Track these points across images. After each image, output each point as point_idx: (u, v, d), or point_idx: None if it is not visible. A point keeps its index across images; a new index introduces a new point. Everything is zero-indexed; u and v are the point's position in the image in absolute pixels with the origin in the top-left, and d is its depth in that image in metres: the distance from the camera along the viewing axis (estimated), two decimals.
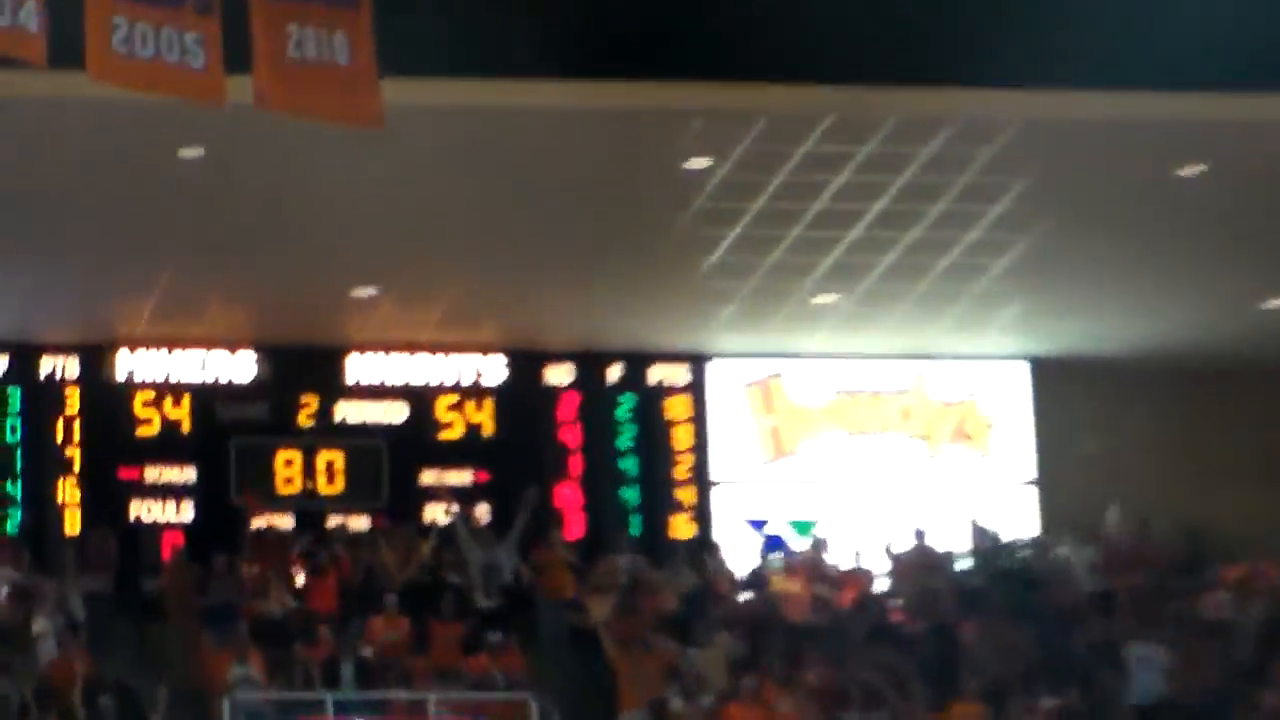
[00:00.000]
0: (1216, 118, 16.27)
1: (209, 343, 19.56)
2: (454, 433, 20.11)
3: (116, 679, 16.88)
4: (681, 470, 20.10)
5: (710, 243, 17.80)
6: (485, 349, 20.14)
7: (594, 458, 20.31)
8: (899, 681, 17.86)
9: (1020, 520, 19.50)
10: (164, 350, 19.77)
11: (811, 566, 19.17)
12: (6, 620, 17.47)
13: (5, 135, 15.45)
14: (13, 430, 19.89)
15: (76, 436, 19.58)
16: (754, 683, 16.74)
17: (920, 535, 18.64)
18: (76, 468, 19.61)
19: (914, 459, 19.95)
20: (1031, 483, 19.82)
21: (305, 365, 20.04)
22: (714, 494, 20.16)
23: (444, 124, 15.93)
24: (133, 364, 19.74)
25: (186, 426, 19.70)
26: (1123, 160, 15.89)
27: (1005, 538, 19.39)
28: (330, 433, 19.88)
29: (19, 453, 19.87)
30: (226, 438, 19.73)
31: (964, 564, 19.07)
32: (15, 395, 20.30)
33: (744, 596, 18.86)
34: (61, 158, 16.08)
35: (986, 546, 18.70)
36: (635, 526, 20.16)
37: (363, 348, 20.14)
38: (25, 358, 20.44)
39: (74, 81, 9.32)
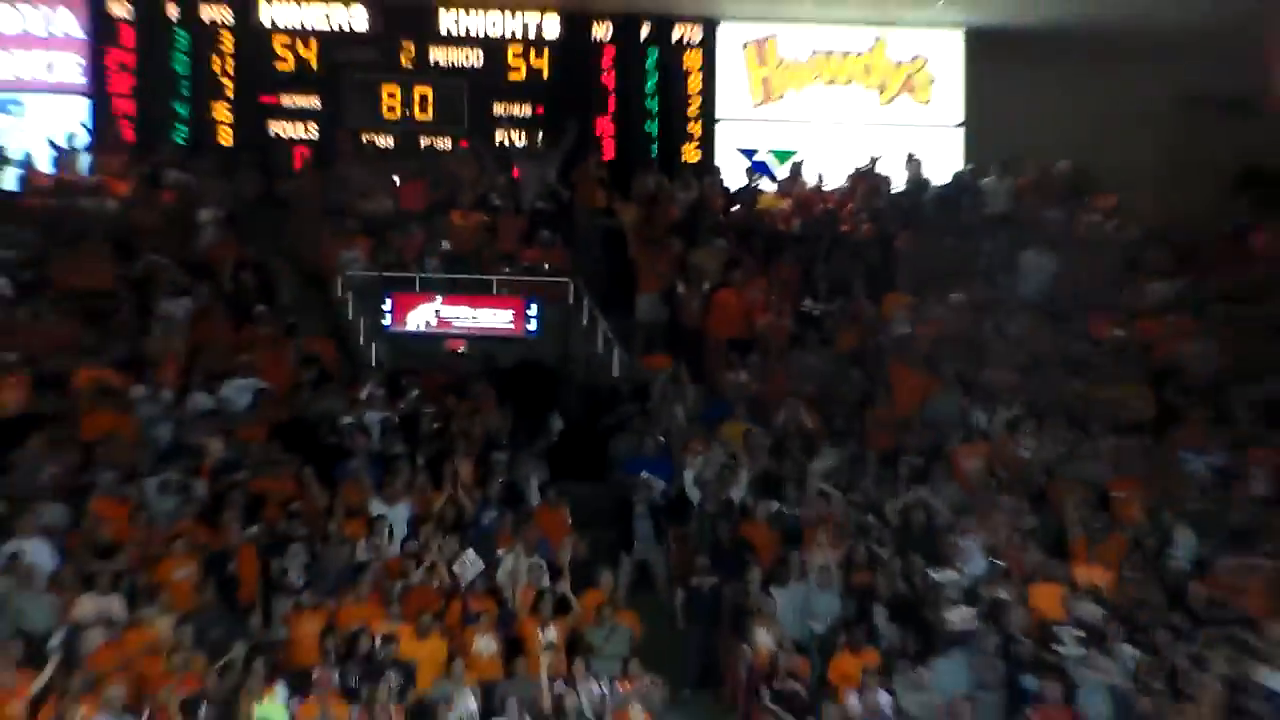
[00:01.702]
0: None
1: None
2: (519, 75, 22.30)
3: (256, 260, 19.45)
4: (692, 109, 22.57)
5: None
6: (544, 9, 22.20)
7: (625, 97, 22.72)
8: (851, 279, 19.98)
9: (950, 156, 21.62)
10: (297, 4, 21.86)
11: (788, 186, 21.78)
12: (176, 211, 19.81)
13: None
14: (181, 64, 22.12)
15: (229, 69, 21.71)
16: (740, 275, 19.72)
17: (872, 164, 21.02)
18: (229, 94, 21.78)
19: (872, 106, 22.05)
20: (961, 125, 22.09)
21: (406, 17, 22.04)
22: (716, 128, 22.56)
23: None
24: (274, 13, 21.88)
25: (314, 64, 21.86)
26: None
27: (937, 169, 21.33)
28: (424, 72, 21.92)
29: (186, 81, 22.12)
30: (343, 73, 21.94)
31: (903, 188, 21.11)
32: (184, 36, 22.37)
33: (734, 209, 21.43)
34: None
35: (921, 176, 20.73)
36: (654, 152, 22.61)
37: (450, 5, 22.17)
38: (190, 6, 22.36)
39: None
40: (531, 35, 22.15)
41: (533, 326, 19.24)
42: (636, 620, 15.40)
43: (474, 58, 22.21)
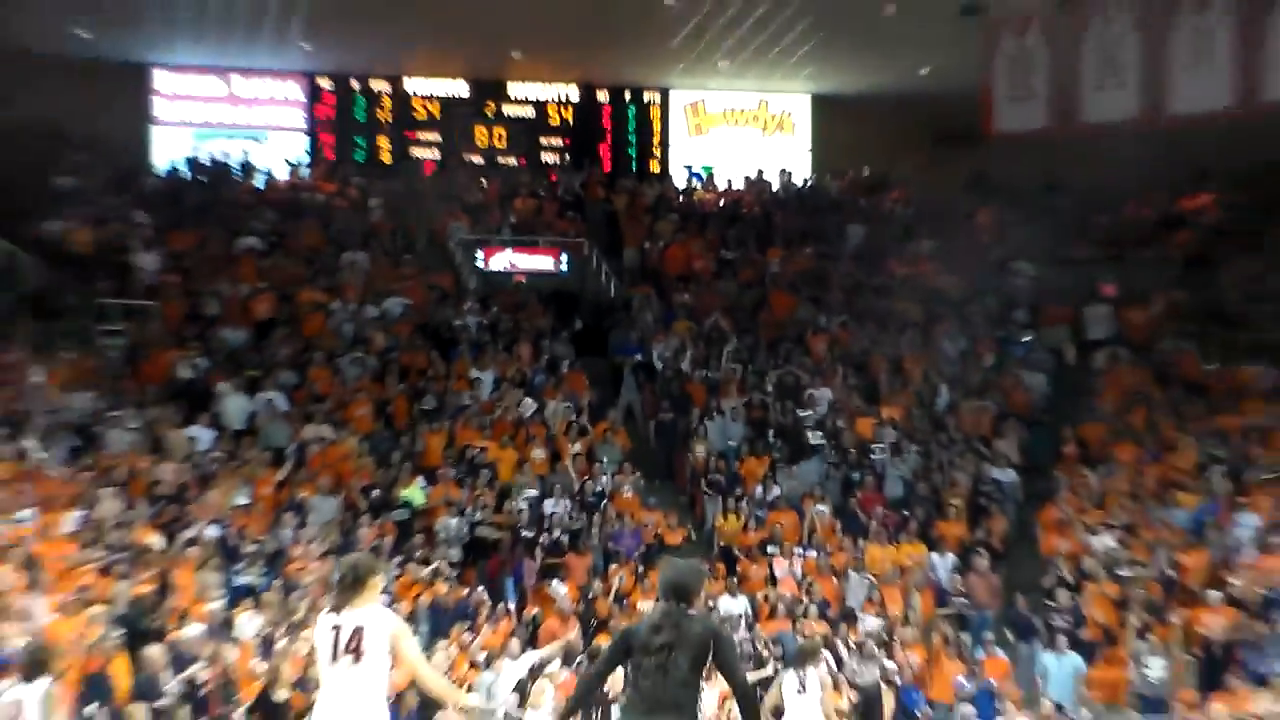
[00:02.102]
0: None
1: None
2: (555, 121, 29.50)
3: (403, 226, 26.20)
4: (655, 140, 30.00)
5: None
6: (568, 82, 29.50)
7: (617, 134, 29.98)
8: (747, 240, 27.67)
9: (803, 167, 30.05)
10: (424, 78, 28.91)
11: (711, 186, 29.81)
12: (357, 201, 26.78)
13: None
14: (360, 113, 28.75)
15: (388, 117, 28.61)
16: (684, 237, 26.76)
17: (759, 173, 28.94)
18: (388, 131, 28.70)
19: (759, 138, 30.30)
20: (810, 150, 30.29)
21: (489, 87, 28.81)
22: (670, 152, 30.04)
23: None
24: (414, 85, 28.70)
25: (436, 114, 28.66)
26: None
27: (796, 175, 29.49)
28: (500, 119, 29.01)
29: (363, 124, 28.72)
30: (453, 119, 28.59)
31: (777, 186, 29.42)
32: (361, 98, 28.97)
33: (680, 199, 29.00)
34: None
35: (789, 179, 29.21)
36: (634, 166, 30.00)
37: (514, 79, 29.19)
38: (364, 79, 28.97)
39: None
40: (562, 98, 29.81)
41: (564, 267, 26.64)
42: (626, 439, 22.32)
43: (528, 111, 29.80)
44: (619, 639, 8.19)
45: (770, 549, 20.83)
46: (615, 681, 13.19)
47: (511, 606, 18.57)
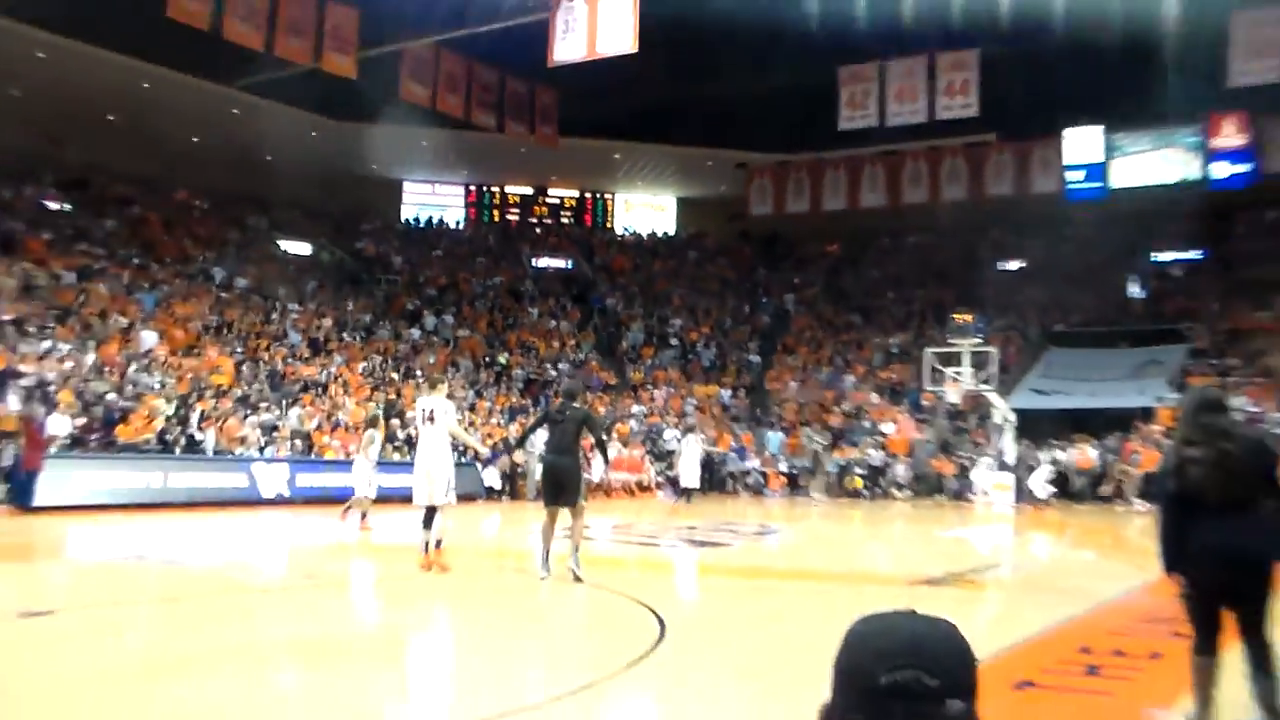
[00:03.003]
0: None
1: None
2: (545, 211, 54.21)
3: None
4: (611, 215, 53.95)
5: None
6: (562, 184, 54.47)
7: (591, 212, 54.23)
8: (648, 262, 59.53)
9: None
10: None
11: (636, 238, 55.18)
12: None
13: None
14: (486, 215, 54.73)
15: None
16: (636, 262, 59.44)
17: (654, 231, 57.77)
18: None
19: (661, 218, 55.30)
20: (675, 221, 58.58)
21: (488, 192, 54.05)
22: (616, 222, 53.84)
23: None
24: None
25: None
26: None
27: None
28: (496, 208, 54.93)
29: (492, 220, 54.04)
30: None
31: (665, 239, 56.76)
32: (489, 207, 51.97)
33: (626, 241, 56.49)
34: None
35: (668, 236, 60.26)
36: (602, 225, 54.81)
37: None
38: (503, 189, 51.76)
39: None
40: (572, 196, 53.39)
41: (570, 265, 53.02)
42: (594, 337, 50.28)
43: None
44: (543, 413, 14.91)
45: (651, 388, 44.45)
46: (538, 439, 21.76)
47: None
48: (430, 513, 14.10)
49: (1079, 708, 7.62)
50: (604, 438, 15.24)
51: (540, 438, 18.07)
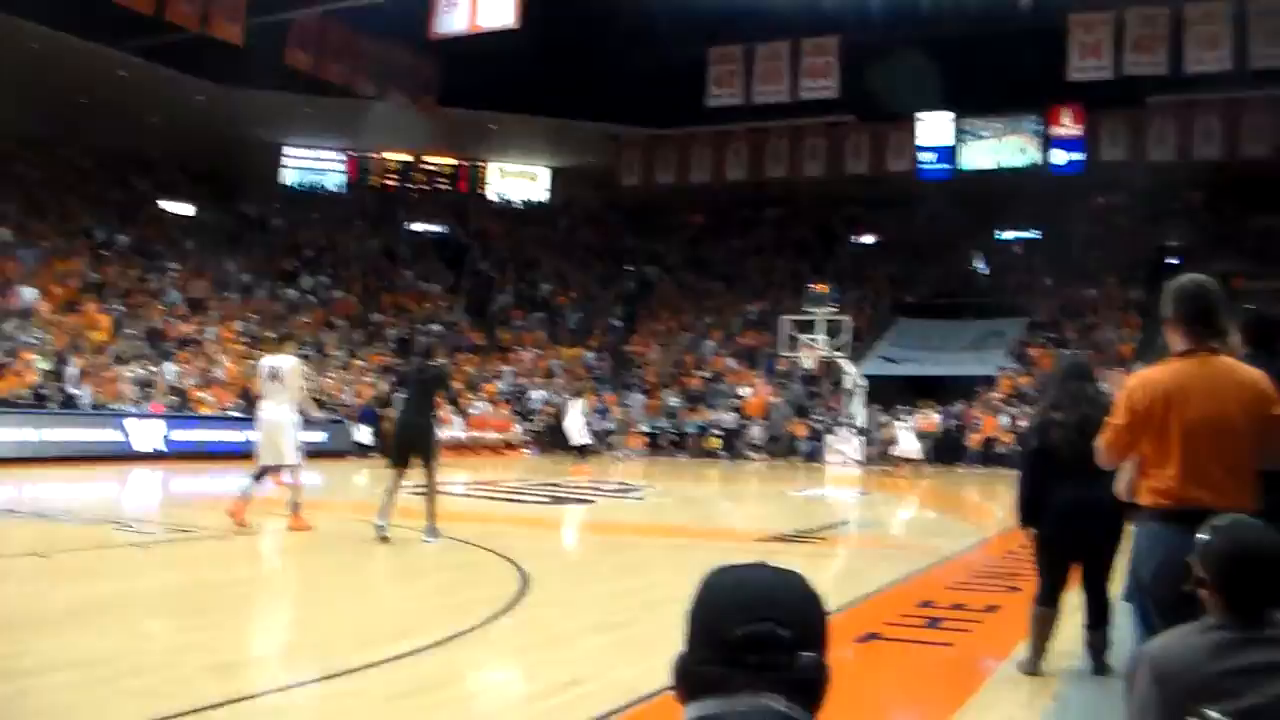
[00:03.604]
0: None
1: None
2: (425, 182, 57.59)
3: None
4: (483, 180, 54.18)
5: None
6: (439, 154, 54.79)
7: (466, 179, 57.88)
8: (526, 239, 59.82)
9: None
10: None
11: (506, 205, 57.97)
12: None
13: None
14: None
15: None
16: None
17: (530, 200, 59.64)
18: None
19: (533, 187, 57.46)
20: (548, 191, 57.20)
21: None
22: (488, 189, 53.63)
23: None
24: None
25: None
26: None
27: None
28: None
29: None
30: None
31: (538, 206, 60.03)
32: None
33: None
34: None
35: (549, 202, 60.12)
36: (475, 192, 57.16)
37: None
38: None
39: None
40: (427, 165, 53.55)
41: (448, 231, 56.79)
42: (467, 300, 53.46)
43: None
44: (401, 375, 13.96)
45: (518, 350, 45.97)
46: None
47: None
48: (263, 472, 13.64)
49: (920, 658, 7.68)
50: (456, 398, 14.81)
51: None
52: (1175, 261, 40.48)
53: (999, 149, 44.42)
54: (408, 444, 12.83)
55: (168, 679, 6.34)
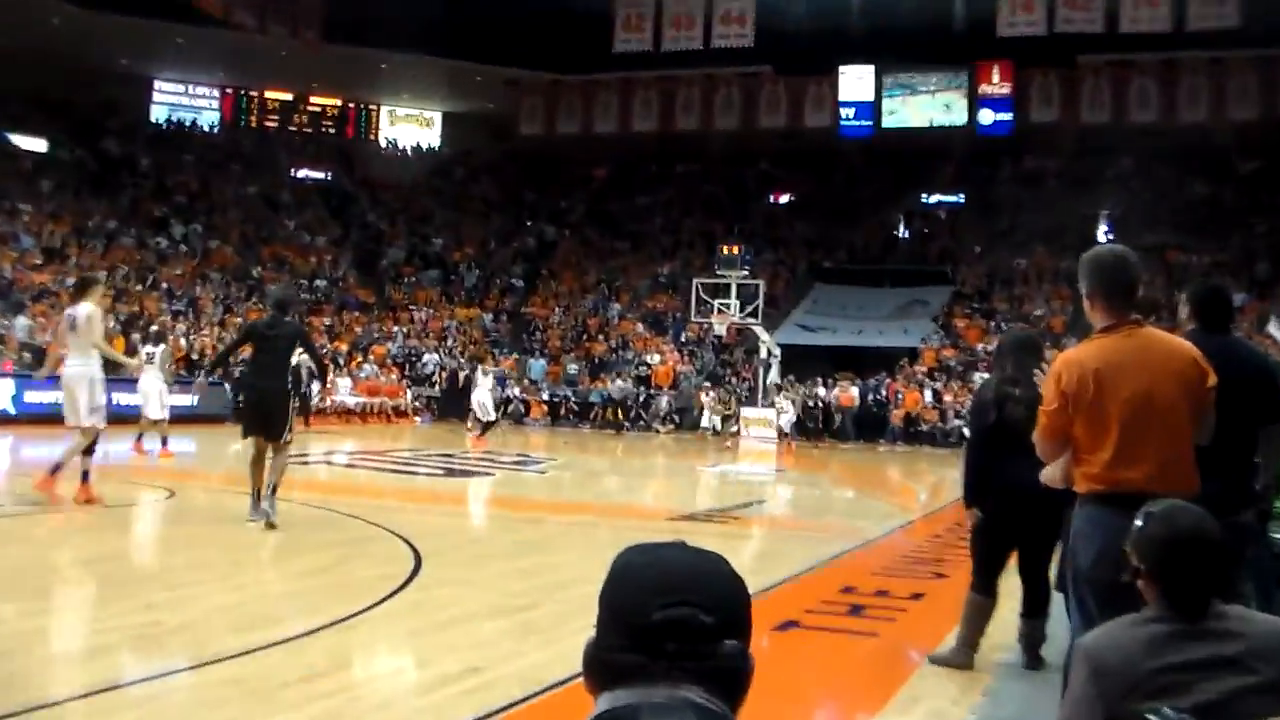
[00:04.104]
0: None
1: None
2: (309, 129, 57.50)
3: None
4: (372, 126, 55.30)
5: None
6: (326, 95, 54.65)
7: (355, 124, 57.73)
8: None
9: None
10: None
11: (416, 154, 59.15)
12: None
13: None
14: None
15: None
16: None
17: (421, 146, 60.08)
18: None
19: (425, 133, 58.49)
20: (440, 138, 59.96)
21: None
22: (391, 132, 54.92)
23: None
24: None
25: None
26: None
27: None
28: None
29: None
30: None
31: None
32: None
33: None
34: None
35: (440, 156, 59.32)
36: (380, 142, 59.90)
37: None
38: None
39: None
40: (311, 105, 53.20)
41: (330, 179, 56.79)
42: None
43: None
44: (246, 329, 13.31)
45: (411, 309, 44.29)
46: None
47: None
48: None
49: (844, 648, 7.72)
50: (322, 357, 13.45)
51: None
52: (1107, 230, 41.17)
53: (924, 106, 44.76)
54: (261, 414, 11.99)
55: (16, 669, 6.14)
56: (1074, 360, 4.74)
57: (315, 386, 28.98)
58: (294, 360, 12.71)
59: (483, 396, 28.53)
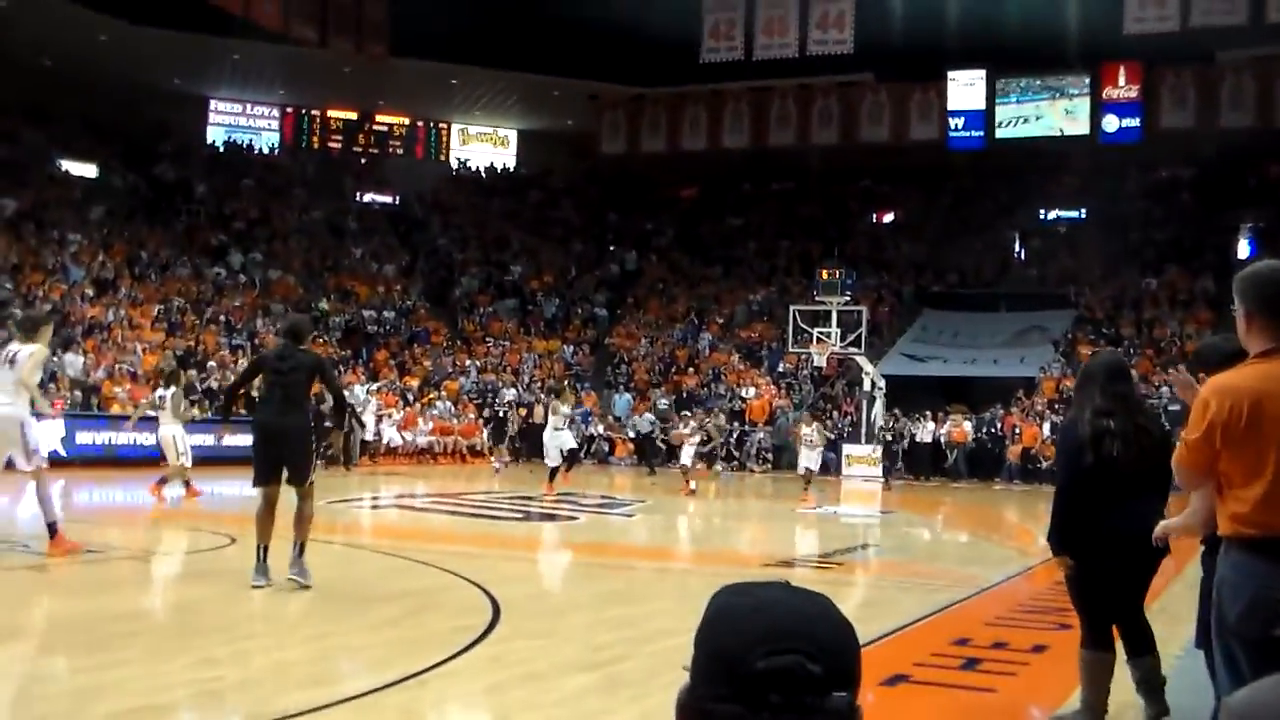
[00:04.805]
0: None
1: None
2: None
3: None
4: (443, 147, 54.53)
5: None
6: (393, 112, 54.45)
7: (423, 141, 56.18)
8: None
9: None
10: None
11: (467, 172, 57.83)
12: None
13: None
14: None
15: None
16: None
17: (494, 167, 59.57)
18: None
19: (501, 153, 55.45)
20: (515, 156, 56.55)
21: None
22: (453, 156, 53.39)
23: None
24: None
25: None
26: None
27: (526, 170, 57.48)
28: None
29: None
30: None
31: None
32: None
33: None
34: None
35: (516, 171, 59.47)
36: (434, 156, 57.79)
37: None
38: None
39: None
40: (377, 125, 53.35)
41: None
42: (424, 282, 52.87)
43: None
44: (254, 362, 12.84)
45: (486, 342, 44.42)
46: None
47: None
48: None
49: (957, 705, 7.62)
50: (344, 393, 12.55)
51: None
52: (1250, 246, 40.16)
53: (1042, 114, 44.20)
54: (276, 456, 11.19)
55: None
56: (1227, 386, 4.62)
57: (370, 422, 28.48)
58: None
59: (550, 437, 27.95)
